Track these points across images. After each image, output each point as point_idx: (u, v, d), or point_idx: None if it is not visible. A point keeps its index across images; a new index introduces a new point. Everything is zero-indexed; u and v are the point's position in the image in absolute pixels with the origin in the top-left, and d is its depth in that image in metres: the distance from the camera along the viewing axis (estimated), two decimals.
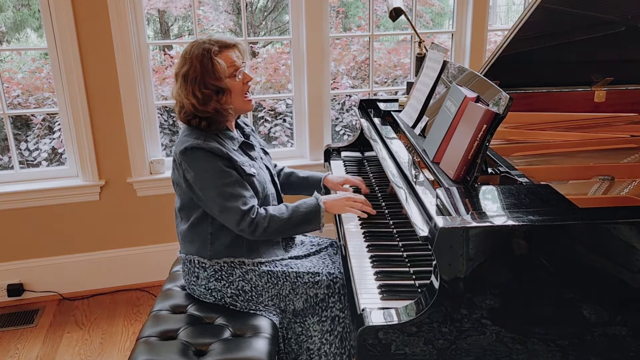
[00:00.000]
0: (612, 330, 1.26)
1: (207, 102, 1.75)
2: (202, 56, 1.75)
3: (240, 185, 1.76)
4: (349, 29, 5.00)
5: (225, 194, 1.72)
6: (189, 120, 1.80)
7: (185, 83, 1.76)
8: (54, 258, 2.97)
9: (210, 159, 1.73)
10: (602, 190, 1.66)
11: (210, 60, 1.75)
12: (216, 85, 1.76)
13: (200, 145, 1.72)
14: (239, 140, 1.88)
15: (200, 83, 1.75)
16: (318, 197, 1.85)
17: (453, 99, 1.66)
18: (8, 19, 4.14)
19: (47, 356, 2.53)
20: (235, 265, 1.83)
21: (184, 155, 1.74)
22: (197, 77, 1.74)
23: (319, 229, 1.82)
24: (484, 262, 1.20)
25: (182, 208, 1.86)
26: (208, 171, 1.73)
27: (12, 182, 2.88)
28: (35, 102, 3.65)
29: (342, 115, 4.41)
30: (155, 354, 1.62)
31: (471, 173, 1.46)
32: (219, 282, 1.84)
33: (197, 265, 1.85)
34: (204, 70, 1.74)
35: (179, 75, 1.78)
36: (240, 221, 1.72)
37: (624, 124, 2.19)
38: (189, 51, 1.78)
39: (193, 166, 1.73)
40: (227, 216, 1.73)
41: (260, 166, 1.92)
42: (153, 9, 4.48)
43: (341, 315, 1.82)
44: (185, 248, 1.89)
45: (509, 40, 1.98)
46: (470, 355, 1.26)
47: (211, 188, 1.73)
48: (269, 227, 1.75)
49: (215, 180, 1.73)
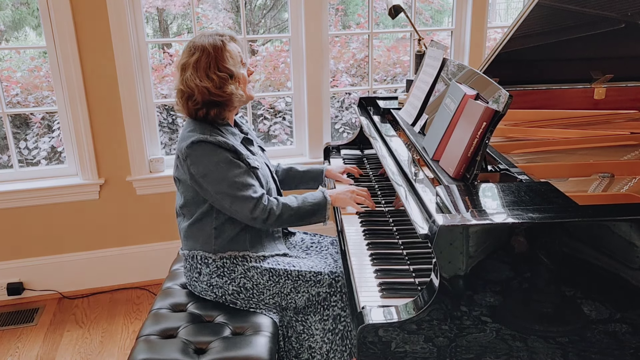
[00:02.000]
0: (612, 328, 1.26)
1: (223, 85, 1.77)
2: (214, 43, 1.77)
3: (249, 175, 1.78)
4: (348, 26, 5.00)
5: (236, 184, 1.74)
6: (197, 110, 1.79)
7: (196, 70, 1.76)
8: (53, 257, 2.97)
9: (218, 151, 1.74)
10: (602, 188, 1.66)
11: (223, 46, 1.78)
12: (230, 70, 1.78)
13: (207, 139, 1.73)
14: (240, 135, 1.89)
15: (215, 66, 1.76)
16: (324, 190, 1.89)
17: (452, 97, 1.65)
18: (7, 18, 4.14)
19: (47, 355, 2.53)
20: (238, 261, 1.83)
21: (190, 149, 1.74)
22: (211, 61, 1.76)
23: (323, 221, 1.85)
24: (484, 260, 1.20)
25: (185, 205, 1.86)
26: (217, 164, 1.74)
27: (11, 181, 2.88)
28: (34, 101, 3.65)
29: (341, 113, 4.41)
30: (155, 353, 1.62)
31: (471, 171, 1.46)
32: (221, 279, 1.84)
33: (200, 261, 1.85)
34: (217, 55, 1.76)
35: (187, 64, 1.78)
36: (254, 209, 1.74)
37: (624, 121, 2.19)
38: (196, 42, 1.79)
39: (201, 160, 1.74)
40: (240, 206, 1.74)
41: (261, 162, 1.93)
42: (152, 7, 4.47)
43: (343, 313, 1.82)
44: (189, 244, 1.89)
45: (508, 37, 1.98)
46: (471, 352, 1.27)
47: (221, 180, 1.74)
48: (282, 215, 1.78)
49: (225, 172, 1.74)
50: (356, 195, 1.92)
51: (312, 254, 2.00)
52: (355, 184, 2.15)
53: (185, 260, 1.92)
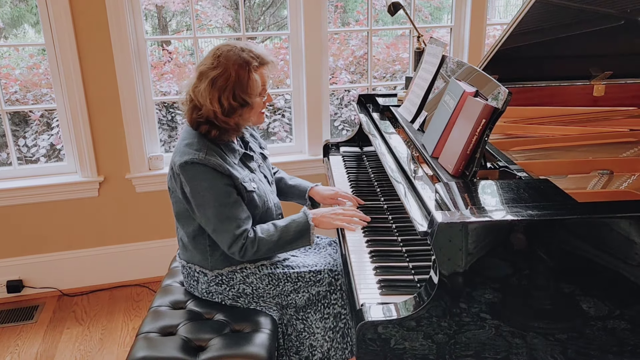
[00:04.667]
0: (611, 324, 1.26)
1: (230, 114, 1.70)
2: (240, 67, 1.67)
3: (238, 207, 1.71)
4: (347, 23, 4.99)
5: (221, 215, 1.69)
6: (199, 124, 1.73)
7: (212, 87, 1.67)
8: (53, 254, 2.97)
9: (210, 176, 1.68)
10: (601, 185, 1.66)
11: (248, 74, 1.68)
12: (245, 100, 1.70)
13: (201, 161, 1.66)
14: (240, 152, 1.82)
15: (230, 92, 1.67)
16: (308, 213, 1.79)
17: (452, 94, 1.65)
18: (5, 15, 4.13)
19: (47, 352, 2.54)
20: (237, 270, 1.83)
21: (182, 169, 1.69)
22: (229, 86, 1.67)
23: (309, 245, 1.79)
24: (483, 257, 1.21)
25: (179, 217, 1.84)
26: (206, 190, 1.68)
27: (10, 178, 2.88)
28: (33, 98, 3.64)
29: (340, 110, 4.40)
30: (154, 350, 1.63)
31: (470, 168, 1.46)
32: (219, 287, 1.84)
33: (198, 272, 1.85)
34: (237, 82, 1.67)
35: (206, 75, 1.68)
36: (232, 244, 1.70)
37: (623, 118, 2.19)
38: (224, 54, 1.69)
39: (191, 183, 1.69)
40: (220, 236, 1.72)
41: (260, 178, 1.87)
42: (151, 4, 4.46)
43: (343, 312, 1.82)
44: (186, 256, 1.88)
45: (507, 34, 1.98)
46: (470, 349, 1.27)
47: (208, 207, 1.69)
48: (259, 250, 1.73)
49: (213, 200, 1.68)
50: (342, 217, 1.82)
51: (310, 254, 2.00)
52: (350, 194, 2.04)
53: (183, 267, 1.92)
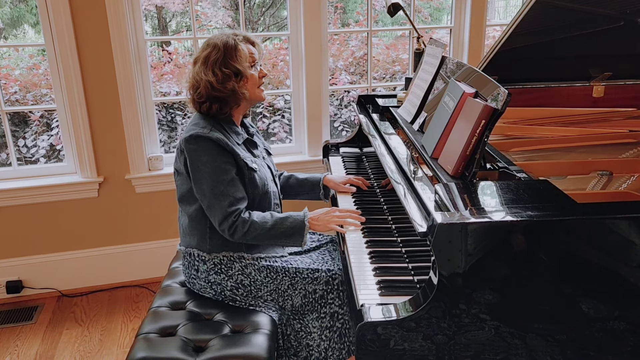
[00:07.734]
0: (611, 325, 1.26)
1: (225, 81, 1.79)
2: (226, 41, 1.81)
3: (234, 185, 1.77)
4: (347, 24, 4.99)
5: (215, 190, 1.75)
6: (201, 104, 1.82)
7: (205, 64, 1.81)
8: (52, 255, 2.97)
9: (212, 151, 1.75)
10: (600, 186, 1.66)
11: (235, 44, 1.82)
12: (236, 68, 1.80)
13: (205, 135, 1.75)
14: (243, 136, 1.90)
15: (221, 63, 1.79)
16: (307, 213, 1.83)
17: (451, 95, 1.65)
18: (5, 15, 4.13)
19: (46, 353, 2.54)
20: (235, 259, 1.84)
21: (187, 142, 1.77)
22: (219, 58, 1.80)
23: (299, 246, 1.81)
24: (482, 258, 1.21)
25: (182, 199, 1.87)
26: (205, 164, 1.75)
27: (10, 179, 2.88)
28: (32, 99, 3.64)
29: (340, 111, 4.40)
30: (154, 351, 1.62)
31: (470, 169, 1.46)
32: (218, 276, 1.84)
33: (197, 259, 1.86)
34: (226, 52, 1.80)
35: (198, 58, 1.83)
36: (223, 221, 1.75)
37: (623, 119, 2.19)
38: (211, 39, 1.84)
39: (193, 155, 1.76)
40: (212, 212, 1.77)
41: (262, 165, 1.93)
42: (151, 4, 4.47)
43: (340, 311, 1.83)
44: (186, 241, 1.90)
45: (507, 35, 1.98)
46: (469, 350, 1.27)
47: (204, 181, 1.75)
48: (248, 233, 1.75)
49: (210, 174, 1.75)
50: (337, 218, 1.84)
51: (310, 251, 2.00)
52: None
53: (184, 257, 1.92)
